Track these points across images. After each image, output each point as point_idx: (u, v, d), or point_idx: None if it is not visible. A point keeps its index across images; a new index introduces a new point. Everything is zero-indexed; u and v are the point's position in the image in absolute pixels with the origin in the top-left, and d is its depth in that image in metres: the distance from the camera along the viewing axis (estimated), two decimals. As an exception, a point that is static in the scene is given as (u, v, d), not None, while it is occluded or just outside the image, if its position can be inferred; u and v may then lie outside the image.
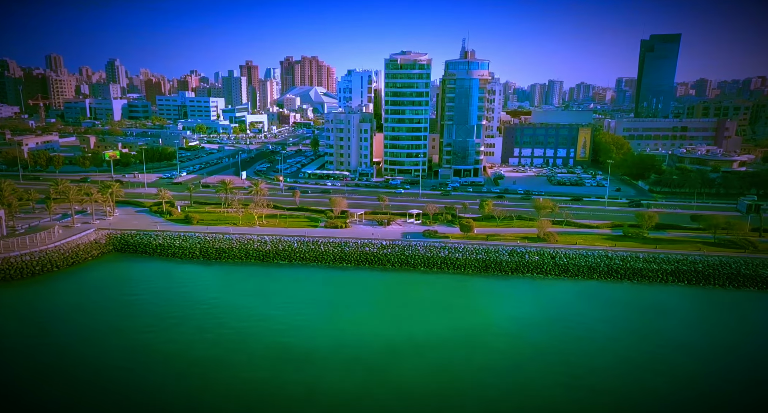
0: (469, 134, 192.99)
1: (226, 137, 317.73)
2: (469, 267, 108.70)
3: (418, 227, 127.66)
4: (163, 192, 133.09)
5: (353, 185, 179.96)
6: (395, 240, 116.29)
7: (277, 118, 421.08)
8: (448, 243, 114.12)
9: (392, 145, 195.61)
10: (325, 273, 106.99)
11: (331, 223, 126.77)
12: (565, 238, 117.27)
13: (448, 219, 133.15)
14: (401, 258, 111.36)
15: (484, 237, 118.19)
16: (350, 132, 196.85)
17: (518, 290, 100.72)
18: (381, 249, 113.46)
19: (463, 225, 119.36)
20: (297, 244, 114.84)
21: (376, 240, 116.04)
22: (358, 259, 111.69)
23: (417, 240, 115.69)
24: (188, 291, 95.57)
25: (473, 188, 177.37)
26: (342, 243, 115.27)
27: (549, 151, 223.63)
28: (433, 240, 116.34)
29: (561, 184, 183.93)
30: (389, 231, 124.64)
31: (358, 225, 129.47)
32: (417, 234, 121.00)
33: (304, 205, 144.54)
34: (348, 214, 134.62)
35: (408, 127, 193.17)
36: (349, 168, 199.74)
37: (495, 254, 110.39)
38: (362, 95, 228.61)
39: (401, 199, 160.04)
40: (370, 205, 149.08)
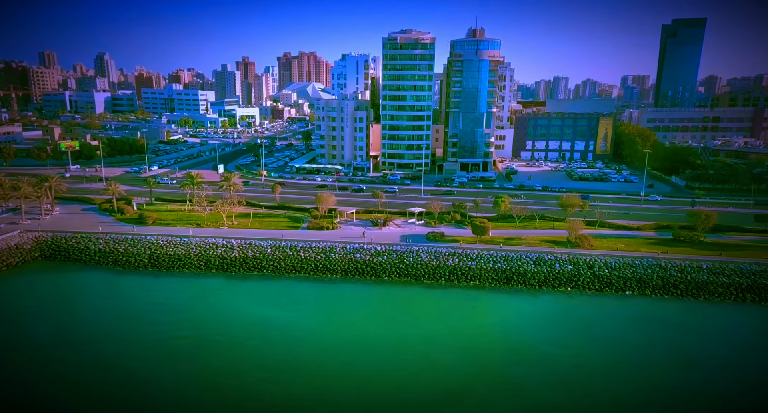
0: (477, 123, 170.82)
1: (214, 131, 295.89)
2: (486, 280, 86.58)
3: (420, 228, 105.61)
4: (114, 186, 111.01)
5: (346, 180, 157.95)
6: (393, 244, 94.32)
7: (270, 113, 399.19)
8: (457, 249, 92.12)
9: (391, 135, 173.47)
10: (303, 287, 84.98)
11: (316, 224, 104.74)
12: (601, 243, 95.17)
13: (457, 219, 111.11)
14: (400, 267, 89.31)
15: (501, 242, 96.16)
16: (344, 121, 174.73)
17: (549, 309, 78.61)
18: (375, 256, 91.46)
19: (477, 226, 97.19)
20: (271, 250, 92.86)
21: (369, 244, 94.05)
22: (346, 269, 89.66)
23: (419, 245, 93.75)
24: (123, 308, 73.65)
25: (483, 184, 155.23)
26: (327, 248, 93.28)
27: (565, 144, 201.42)
28: (440, 244, 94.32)
29: (583, 179, 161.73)
30: (386, 233, 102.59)
31: (349, 227, 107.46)
32: (419, 237, 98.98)
33: (285, 203, 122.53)
34: (337, 213, 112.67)
35: (409, 116, 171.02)
36: (343, 162, 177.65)
37: (517, 263, 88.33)
38: (358, 82, 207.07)
39: (401, 196, 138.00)
40: (364, 202, 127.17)
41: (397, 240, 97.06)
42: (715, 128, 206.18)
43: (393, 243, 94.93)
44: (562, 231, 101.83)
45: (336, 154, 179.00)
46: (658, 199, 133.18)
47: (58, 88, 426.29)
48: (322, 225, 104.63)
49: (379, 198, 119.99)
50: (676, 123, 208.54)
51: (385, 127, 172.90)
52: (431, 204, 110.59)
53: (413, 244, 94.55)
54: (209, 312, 73.80)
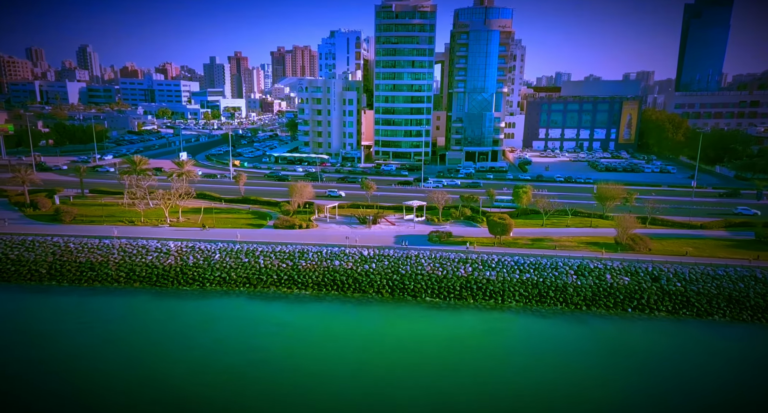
0: (485, 106, 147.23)
1: (195, 123, 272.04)
2: (511, 296, 62.91)
3: (421, 227, 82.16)
4: (24, 173, 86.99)
5: (333, 172, 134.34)
6: (385, 247, 70.90)
7: (259, 106, 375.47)
8: (470, 254, 68.67)
9: (385, 120, 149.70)
10: (259, 308, 61.28)
11: (285, 221, 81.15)
12: (661, 245, 71.78)
13: (466, 215, 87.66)
14: (393, 279, 65.66)
15: (527, 243, 72.77)
16: (330, 104, 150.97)
17: (603, 340, 55.10)
18: (360, 263, 67.87)
19: (495, 223, 73.52)
20: (220, 256, 69.15)
21: (352, 248, 70.52)
22: (320, 282, 65.92)
23: (419, 249, 70.37)
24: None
25: (494, 175, 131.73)
26: (296, 253, 69.70)
27: (583, 133, 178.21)
28: (446, 247, 70.90)
29: (610, 170, 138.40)
30: (376, 233, 79.09)
31: (330, 225, 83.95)
32: (419, 237, 75.54)
33: (252, 195, 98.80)
34: (316, 208, 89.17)
35: (406, 97, 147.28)
36: (330, 151, 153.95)
37: (552, 273, 64.82)
38: (348, 62, 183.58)
39: (398, 189, 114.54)
40: (351, 195, 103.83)
41: (390, 242, 73.51)
42: (753, 114, 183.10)
43: (384, 246, 71.39)
44: (603, 230, 78.59)
45: (322, 143, 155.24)
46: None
47: (31, 78, 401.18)
48: (294, 222, 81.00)
49: (368, 189, 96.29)
50: (708, 108, 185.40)
51: (379, 111, 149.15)
52: (434, 195, 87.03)
53: (411, 247, 71.05)
54: (104, 344, 50.03)
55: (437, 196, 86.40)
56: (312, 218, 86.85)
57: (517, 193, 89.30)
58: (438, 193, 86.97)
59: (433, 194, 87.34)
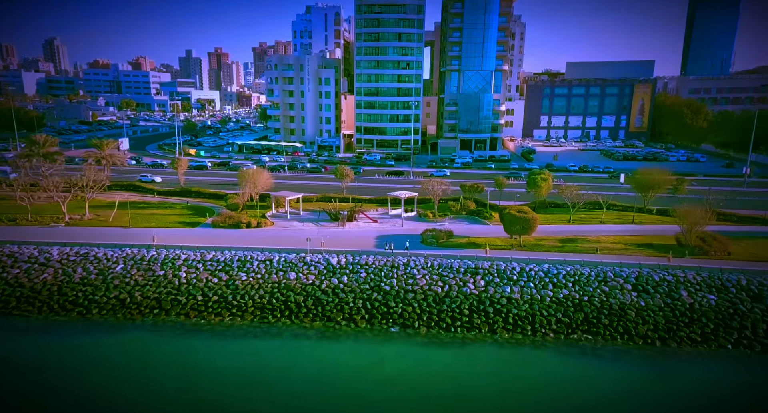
0: (483, 86, 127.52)
1: (162, 114, 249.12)
2: (544, 324, 42.62)
3: (411, 224, 61.97)
4: None
5: (306, 161, 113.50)
6: (362, 252, 50.72)
7: (236, 99, 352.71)
8: (481, 263, 48.55)
9: (368, 103, 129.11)
10: (168, 346, 40.31)
11: (229, 218, 60.25)
12: (739, 246, 52.38)
13: (470, 208, 67.64)
14: (373, 299, 45.17)
15: (555, 246, 52.97)
16: (304, 84, 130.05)
17: (697, 397, 35.08)
18: (326, 276, 47.36)
19: (513, 219, 53.27)
20: (123, 268, 48.03)
21: (316, 254, 50.02)
22: (264, 305, 45.08)
23: (410, 254, 50.12)
24: None
25: (496, 165, 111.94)
26: (235, 262, 49.02)
27: (590, 121, 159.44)
28: (447, 251, 50.75)
29: (630, 159, 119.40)
30: (352, 232, 58.73)
31: (290, 222, 63.31)
32: (410, 239, 55.18)
33: (195, 187, 77.71)
34: (274, 202, 68.46)
35: (391, 76, 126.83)
36: (304, 139, 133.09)
37: (600, 287, 44.95)
38: (326, 41, 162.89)
39: (382, 180, 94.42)
40: (324, 187, 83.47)
41: (371, 246, 53.13)
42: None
43: (362, 251, 51.04)
44: (651, 227, 59.28)
45: (295, 129, 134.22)
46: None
47: None
48: (239, 219, 60.08)
49: (343, 178, 75.68)
50: (726, 93, 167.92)
51: (360, 92, 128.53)
52: (428, 185, 66.81)
53: (398, 252, 50.75)
54: None
55: (432, 184, 66.09)
56: (268, 214, 66.09)
57: (533, 181, 69.26)
58: (433, 182, 66.64)
59: (428, 183, 67.01)
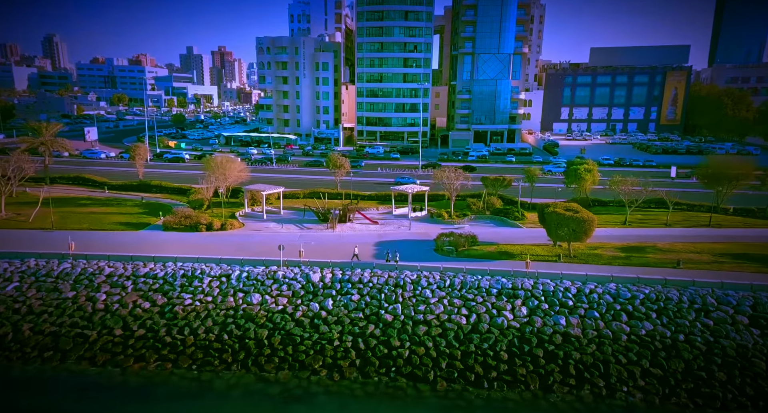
0: (500, 71, 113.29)
1: (156, 110, 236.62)
2: (629, 381, 28.18)
3: (420, 227, 48.07)
4: None
5: (300, 155, 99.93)
6: (356, 265, 36.68)
7: (237, 96, 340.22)
8: (520, 280, 34.43)
9: (371, 90, 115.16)
10: (52, 409, 26.36)
11: (185, 219, 46.46)
12: None
13: (495, 206, 53.61)
14: (367, 336, 31.09)
15: (617, 256, 38.73)
16: (299, 69, 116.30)
17: None
18: (302, 300, 33.57)
19: (561, 219, 38.99)
20: (18, 287, 34.11)
21: (293, 267, 36.06)
22: (210, 345, 30.95)
23: (420, 267, 36.30)
24: None
25: (517, 158, 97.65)
26: (181, 279, 35.18)
27: (616, 113, 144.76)
28: (471, 264, 36.65)
29: (670, 152, 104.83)
30: (345, 237, 44.96)
31: (267, 223, 49.50)
32: (419, 246, 41.52)
33: (156, 180, 64.03)
34: (248, 198, 54.68)
35: (397, 59, 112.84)
36: (300, 130, 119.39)
37: (697, 320, 30.45)
38: (326, 26, 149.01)
39: (385, 173, 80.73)
40: (315, 182, 69.90)
41: (368, 255, 39.24)
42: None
43: (356, 263, 37.16)
44: (734, 232, 44.84)
45: (289, 120, 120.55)
46: None
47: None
48: (199, 220, 46.22)
49: (337, 169, 61.76)
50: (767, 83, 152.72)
51: (362, 78, 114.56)
52: (442, 176, 52.79)
53: (404, 265, 36.81)
54: None
55: (448, 176, 51.96)
56: (239, 213, 52.20)
57: (574, 173, 55.06)
58: (449, 172, 52.49)
59: (442, 173, 52.87)
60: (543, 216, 42.02)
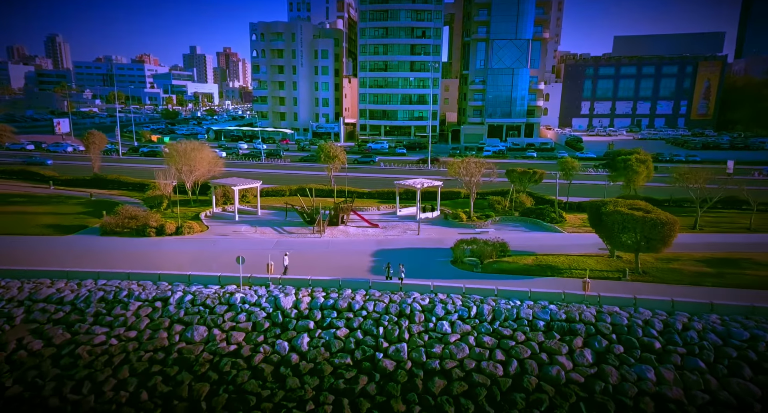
0: (517, 59, 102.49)
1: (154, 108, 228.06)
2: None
3: (432, 231, 37.28)
4: None
5: (296, 149, 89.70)
6: (345, 284, 25.64)
7: (239, 95, 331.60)
8: (575, 308, 23.22)
9: (374, 80, 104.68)
10: None
11: (130, 220, 35.93)
12: None
13: (525, 206, 42.81)
14: (358, 394, 20.27)
15: (702, 271, 27.52)
16: (297, 58, 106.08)
17: None
18: (268, 334, 22.90)
19: (634, 221, 28.00)
20: None
21: (257, 286, 25.17)
22: (120, 409, 20.26)
23: (434, 286, 25.09)
24: None
25: (539, 154, 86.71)
26: (96, 305, 24.42)
27: (641, 107, 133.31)
28: (503, 282, 25.64)
29: (712, 147, 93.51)
30: (333, 245, 34.17)
31: (239, 226, 38.83)
32: (430, 256, 30.52)
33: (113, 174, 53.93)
34: (219, 195, 44.17)
35: (403, 46, 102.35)
36: (297, 125, 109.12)
37: None
38: (327, 14, 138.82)
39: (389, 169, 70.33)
40: (307, 178, 59.58)
41: (362, 270, 28.40)
42: None
43: (346, 280, 26.29)
44: None
45: (285, 113, 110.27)
46: None
47: None
48: (147, 223, 35.80)
49: (330, 163, 51.27)
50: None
51: (365, 67, 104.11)
52: (460, 167, 42.07)
53: (411, 284, 25.86)
54: None
55: (467, 167, 41.28)
56: (205, 214, 41.83)
57: (623, 165, 44.15)
58: (468, 162, 41.79)
59: (460, 163, 42.17)
60: (598, 216, 31.18)
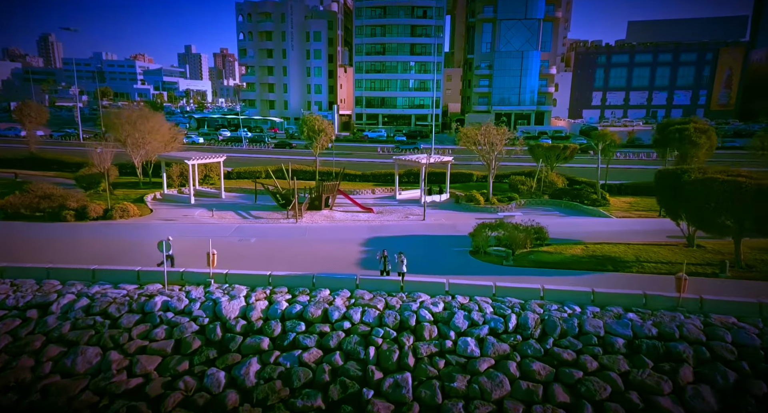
0: (527, 41, 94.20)
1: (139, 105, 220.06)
2: None
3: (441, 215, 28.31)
4: None
5: (285, 137, 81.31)
6: (319, 279, 16.62)
7: (233, 93, 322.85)
8: (667, 318, 14.20)
9: (371, 65, 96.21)
10: None
11: (41, 200, 26.95)
12: None
13: (557, 186, 33.86)
14: None
15: None
16: (287, 40, 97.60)
17: None
18: (199, 358, 14.02)
19: (743, 192, 19.04)
20: None
21: (190, 285, 16.15)
22: None
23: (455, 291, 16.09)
24: None
25: (553, 141, 77.87)
26: None
27: (657, 98, 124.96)
28: (551, 279, 16.65)
29: (744, 135, 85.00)
30: (311, 232, 25.22)
31: (193, 210, 29.81)
32: (437, 244, 21.41)
33: (52, 153, 45.26)
34: (174, 174, 35.24)
35: (403, 27, 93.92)
36: (288, 114, 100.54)
37: None
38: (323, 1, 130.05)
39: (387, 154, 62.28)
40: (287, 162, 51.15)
41: (349, 262, 19.33)
42: None
43: (320, 276, 17.26)
44: None
45: (275, 101, 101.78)
46: None
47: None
48: (65, 202, 26.84)
49: (315, 139, 42.69)
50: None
51: (361, 50, 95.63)
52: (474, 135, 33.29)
53: (415, 282, 16.86)
54: None
55: (486, 133, 32.65)
56: (152, 196, 33.09)
57: (678, 135, 35.49)
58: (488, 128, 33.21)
59: (475, 131, 33.59)
60: (674, 189, 22.36)
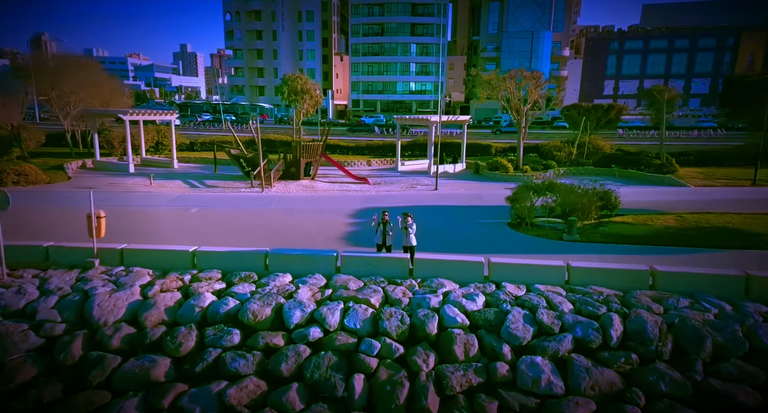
0: (538, 21, 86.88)
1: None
2: None
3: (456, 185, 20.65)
4: None
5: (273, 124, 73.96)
6: (269, 270, 8.62)
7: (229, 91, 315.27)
8: None
9: (368, 47, 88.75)
10: None
11: None
12: None
13: (603, 151, 26.09)
14: None
15: None
16: (277, 21, 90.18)
17: None
18: None
19: None
20: None
21: (60, 269, 8.32)
22: None
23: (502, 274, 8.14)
24: None
25: (569, 124, 70.36)
26: None
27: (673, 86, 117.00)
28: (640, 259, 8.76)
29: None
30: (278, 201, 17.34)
31: (129, 179, 21.87)
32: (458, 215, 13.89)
33: None
34: (116, 141, 27.43)
35: (403, 6, 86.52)
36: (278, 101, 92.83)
37: None
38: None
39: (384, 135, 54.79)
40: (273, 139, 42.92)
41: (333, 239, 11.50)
42: None
43: (259, 269, 9.29)
44: None
45: (265, 86, 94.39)
46: None
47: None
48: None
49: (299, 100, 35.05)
50: None
51: (357, 32, 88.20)
52: (508, 84, 25.62)
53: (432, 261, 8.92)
54: None
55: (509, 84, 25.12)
56: (81, 163, 25.35)
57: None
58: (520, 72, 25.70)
59: (500, 82, 26.11)
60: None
